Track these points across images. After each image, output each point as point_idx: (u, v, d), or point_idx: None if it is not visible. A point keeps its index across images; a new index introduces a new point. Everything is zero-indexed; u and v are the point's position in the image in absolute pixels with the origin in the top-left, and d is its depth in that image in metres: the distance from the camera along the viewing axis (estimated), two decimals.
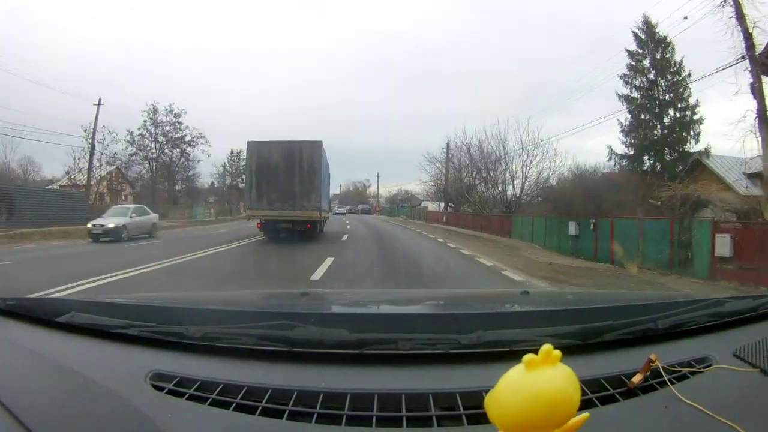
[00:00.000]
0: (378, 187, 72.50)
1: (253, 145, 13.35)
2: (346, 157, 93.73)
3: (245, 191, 14.25)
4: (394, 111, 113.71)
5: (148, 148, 37.44)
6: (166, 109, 37.50)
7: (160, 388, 0.76)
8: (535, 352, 0.51)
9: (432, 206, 40.52)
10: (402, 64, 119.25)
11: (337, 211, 40.15)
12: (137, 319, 0.96)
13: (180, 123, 38.36)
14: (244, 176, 20.01)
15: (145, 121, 36.83)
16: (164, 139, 37.72)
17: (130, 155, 35.94)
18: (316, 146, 13.31)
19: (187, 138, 38.67)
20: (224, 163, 54.38)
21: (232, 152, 58.25)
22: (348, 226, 22.25)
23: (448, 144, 31.41)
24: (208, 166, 63.26)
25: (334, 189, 71.84)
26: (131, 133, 35.56)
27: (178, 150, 38.70)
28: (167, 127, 37.87)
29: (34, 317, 1.04)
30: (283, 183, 12.86)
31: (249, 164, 13.50)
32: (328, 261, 8.39)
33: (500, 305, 1.47)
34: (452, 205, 31.65)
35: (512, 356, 0.59)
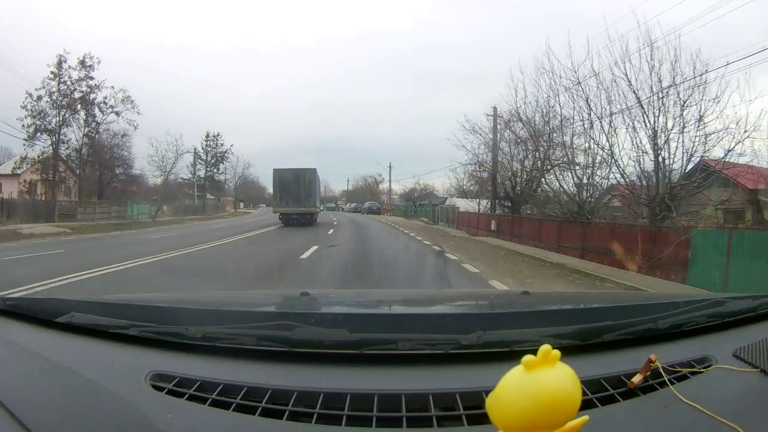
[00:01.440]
0: (390, 181, 55.54)
1: (276, 171, 22.59)
2: (356, 154, 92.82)
3: (272, 198, 24.60)
4: (407, 109, 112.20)
5: (48, 116, 24.69)
6: (80, 61, 24.95)
7: (160, 389, 0.76)
8: (535, 352, 0.51)
9: (464, 204, 26.50)
10: (415, 63, 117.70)
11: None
12: (137, 319, 0.96)
13: (91, 78, 25.35)
14: (222, 165, 40.55)
15: (48, 77, 24.61)
16: (63, 99, 24.63)
17: (27, 128, 24.16)
18: (313, 171, 23.07)
19: (98, 99, 25.63)
20: (196, 149, 44.46)
21: (208, 135, 48.43)
22: None
23: (495, 108, 18.10)
24: (144, 146, 51.91)
25: (342, 186, 78.43)
26: (30, 95, 24.28)
27: (83, 114, 25.32)
28: (74, 85, 24.96)
29: (34, 317, 1.04)
30: (294, 191, 21.74)
31: (275, 182, 22.44)
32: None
33: (500, 305, 1.47)
34: (507, 203, 18.54)
35: (512, 356, 0.59)
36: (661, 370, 0.78)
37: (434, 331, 0.91)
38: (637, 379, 0.77)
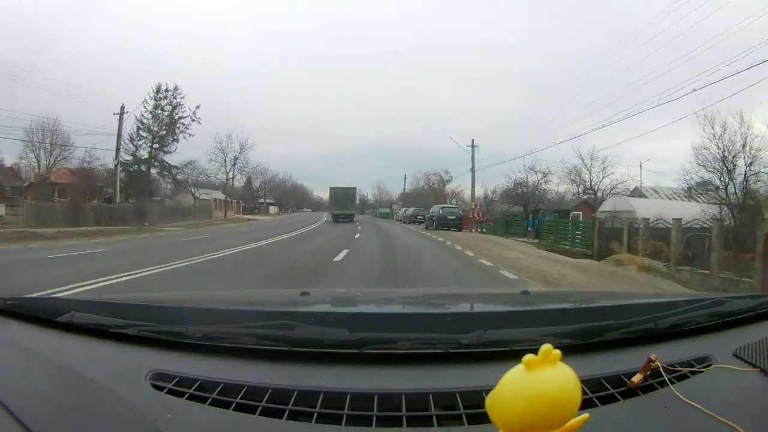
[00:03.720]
0: (473, 170, 34.87)
1: (332, 189, 38.96)
2: (419, 157, 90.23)
3: (329, 205, 40.21)
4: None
5: None
6: None
7: (160, 388, 0.76)
8: (535, 351, 0.51)
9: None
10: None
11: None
12: (137, 318, 0.96)
13: None
14: (176, 140, 35.72)
15: None
16: None
17: None
18: (354, 188, 40.51)
19: None
20: (123, 109, 26.58)
21: (158, 89, 32.63)
22: None
23: None
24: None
25: (399, 188, 75.72)
26: None
27: None
28: None
29: (34, 317, 1.04)
30: (342, 201, 37.19)
31: (330, 195, 39.16)
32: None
33: (500, 305, 1.47)
34: None
35: (512, 356, 0.59)
36: (661, 370, 0.78)
37: (434, 331, 0.91)
38: (637, 378, 0.77)
